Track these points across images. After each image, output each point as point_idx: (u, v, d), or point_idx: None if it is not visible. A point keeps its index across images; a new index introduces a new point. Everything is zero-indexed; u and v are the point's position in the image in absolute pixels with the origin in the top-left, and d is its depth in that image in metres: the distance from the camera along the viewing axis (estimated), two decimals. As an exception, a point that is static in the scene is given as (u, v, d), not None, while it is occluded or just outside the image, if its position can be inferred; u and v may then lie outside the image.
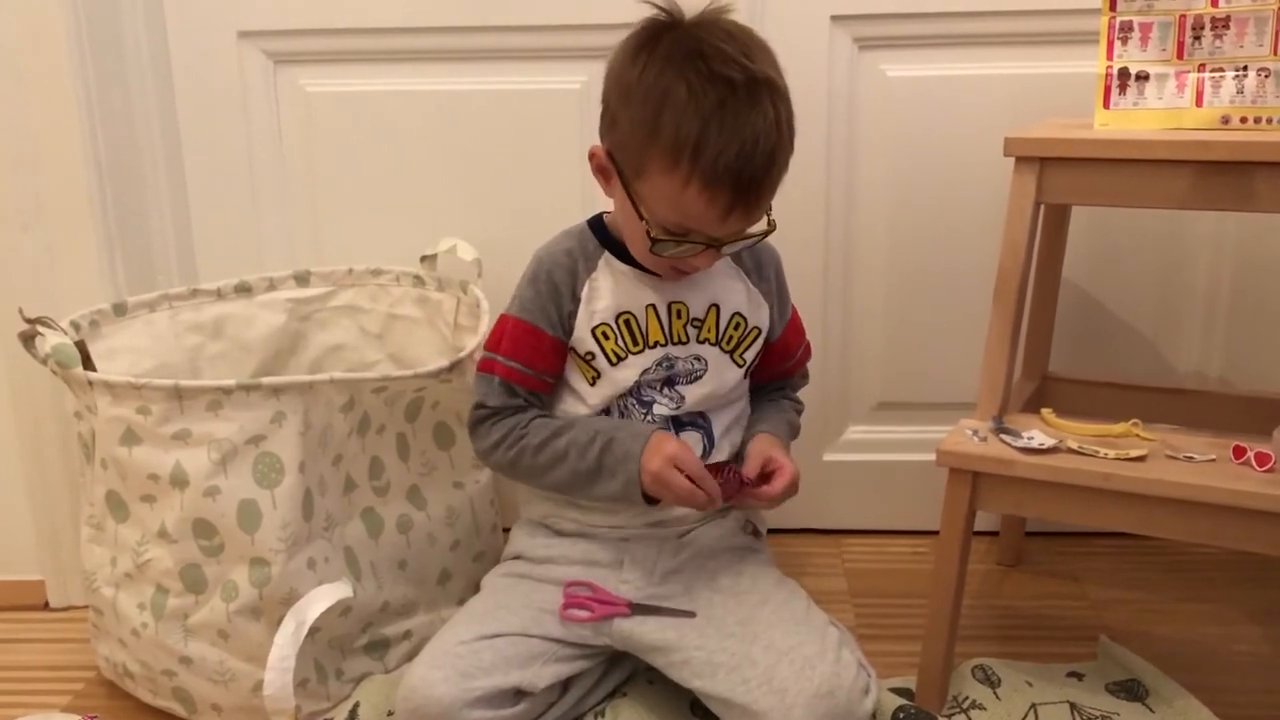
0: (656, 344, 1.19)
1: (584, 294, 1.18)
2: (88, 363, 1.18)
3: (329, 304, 1.52)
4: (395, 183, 1.57)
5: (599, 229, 1.21)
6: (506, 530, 1.47)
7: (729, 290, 1.22)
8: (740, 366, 1.23)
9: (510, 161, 1.54)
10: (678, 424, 1.21)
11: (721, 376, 1.22)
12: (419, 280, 1.51)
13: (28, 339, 1.19)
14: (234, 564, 1.16)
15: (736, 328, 1.22)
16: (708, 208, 1.05)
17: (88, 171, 1.39)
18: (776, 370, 1.31)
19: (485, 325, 1.34)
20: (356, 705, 1.21)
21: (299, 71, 1.54)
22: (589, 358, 1.19)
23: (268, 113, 1.55)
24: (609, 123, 1.12)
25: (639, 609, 1.17)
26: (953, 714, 1.20)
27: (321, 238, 1.60)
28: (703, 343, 1.21)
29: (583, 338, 1.18)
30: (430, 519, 1.35)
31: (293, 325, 1.50)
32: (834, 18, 1.47)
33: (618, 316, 1.18)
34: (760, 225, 1.12)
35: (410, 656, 1.31)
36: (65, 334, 1.20)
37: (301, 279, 1.51)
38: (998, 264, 1.19)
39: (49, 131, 1.36)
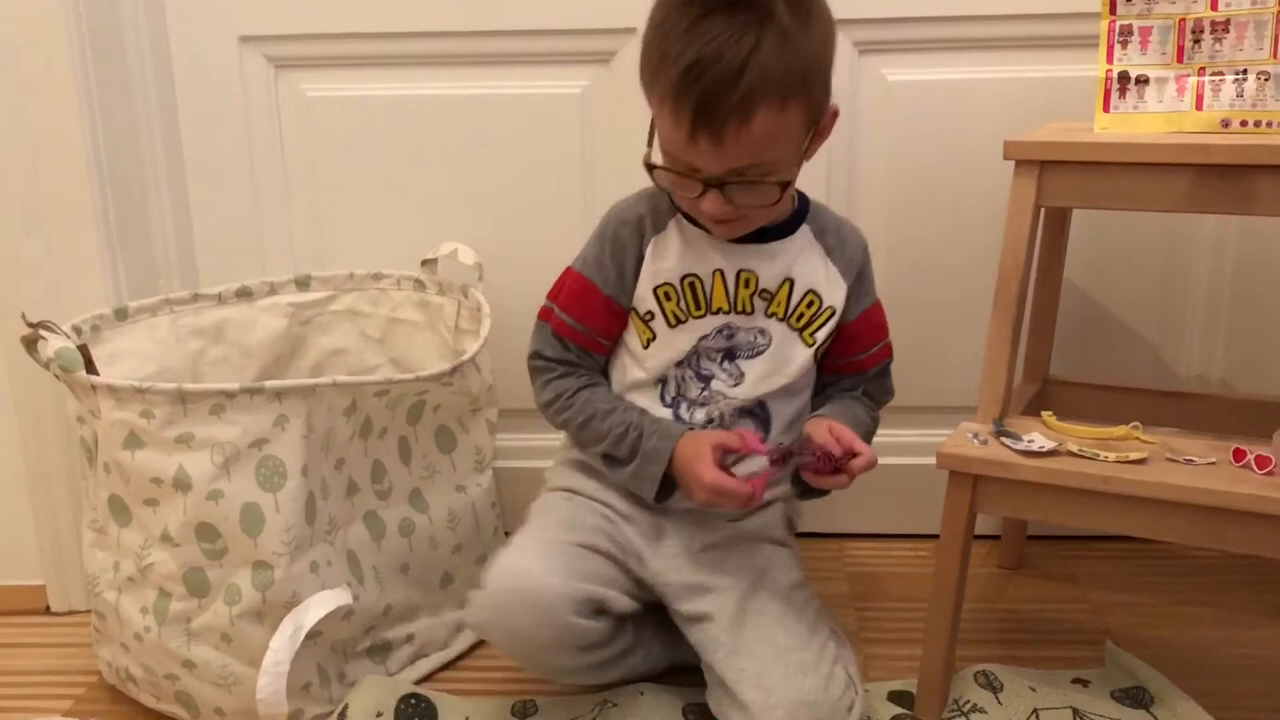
0: (719, 310, 1.16)
1: (649, 252, 1.16)
2: (91, 367, 1.18)
3: (330, 308, 1.53)
4: (396, 187, 1.57)
5: None
6: (508, 534, 1.48)
7: (806, 266, 1.18)
8: (809, 346, 1.19)
9: (511, 166, 1.54)
10: (741, 411, 1.19)
11: (786, 354, 1.19)
12: (420, 284, 1.51)
13: (30, 343, 1.19)
14: (237, 568, 1.16)
15: (809, 305, 1.19)
16: (675, 127, 1.03)
17: (89, 176, 1.39)
18: (846, 361, 1.25)
19: (486, 329, 1.34)
20: (346, 707, 1.21)
21: (300, 76, 1.55)
22: (648, 318, 1.17)
23: (269, 117, 1.56)
24: None
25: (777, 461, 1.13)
26: (953, 717, 1.20)
27: (322, 242, 1.60)
28: (770, 316, 1.18)
29: (644, 296, 1.17)
30: (432, 522, 1.35)
31: (294, 329, 1.50)
32: (835, 21, 1.46)
33: (683, 278, 1.16)
34: (779, 175, 1.07)
35: (413, 660, 1.32)
36: (68, 338, 1.20)
37: (302, 283, 1.51)
38: (998, 267, 1.20)
39: (51, 136, 1.37)
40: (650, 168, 1.09)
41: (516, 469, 1.60)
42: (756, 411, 1.20)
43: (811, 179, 1.51)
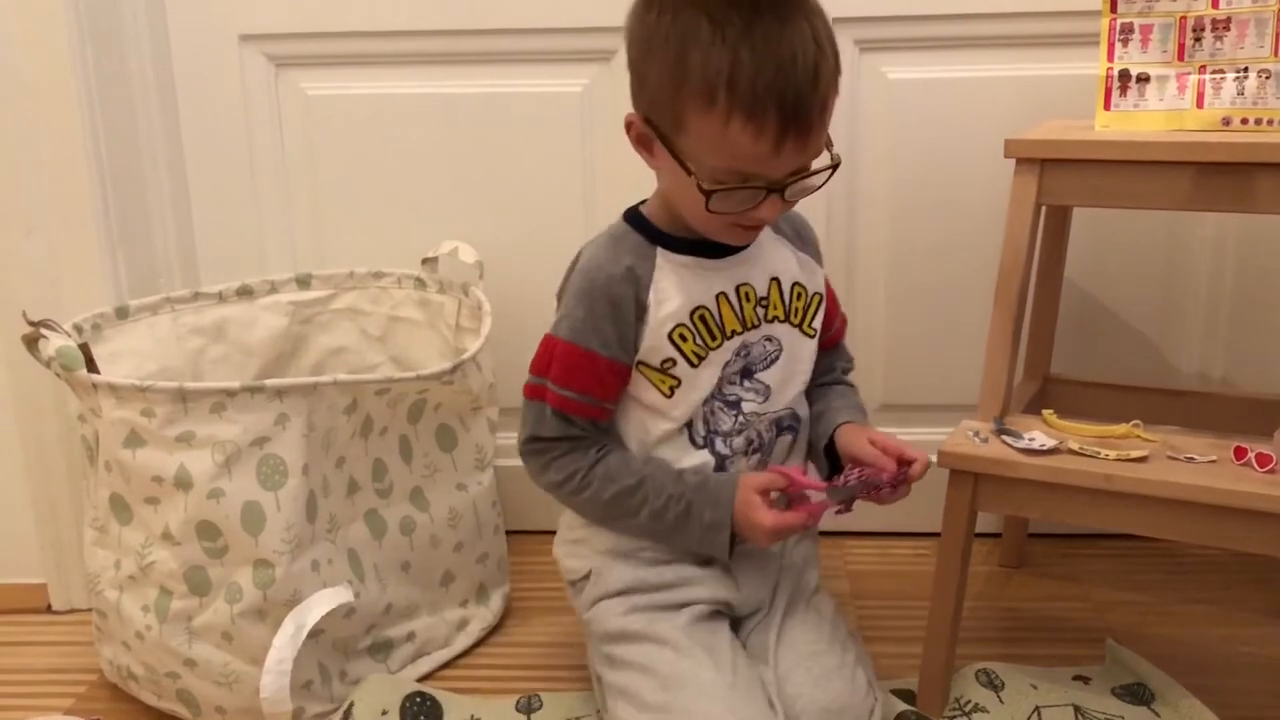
0: (733, 333, 1.10)
1: (651, 300, 1.08)
2: (92, 365, 1.18)
3: (330, 307, 1.53)
4: (396, 185, 1.57)
5: (639, 223, 1.12)
6: (510, 532, 1.48)
7: (782, 260, 1.15)
8: (812, 336, 1.16)
9: (512, 164, 1.54)
10: (778, 428, 1.16)
11: (796, 352, 1.15)
12: (420, 283, 1.51)
13: (31, 342, 1.19)
14: (238, 566, 1.16)
15: (798, 298, 1.15)
16: (756, 142, 0.96)
17: (90, 175, 1.39)
18: (820, 340, 1.21)
19: (487, 327, 1.34)
20: (351, 705, 1.20)
21: (300, 74, 1.55)
22: (668, 365, 1.09)
23: (269, 116, 1.56)
24: (638, 84, 1.03)
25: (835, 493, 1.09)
26: (954, 716, 1.20)
27: (323, 240, 1.60)
28: (772, 321, 1.13)
29: (657, 346, 1.08)
30: (433, 521, 1.35)
31: (294, 328, 1.50)
32: (835, 20, 1.43)
33: (692, 313, 1.09)
34: (823, 160, 1.02)
35: (414, 658, 1.32)
36: (69, 337, 1.20)
37: (303, 282, 1.51)
38: (999, 265, 1.20)
39: (51, 136, 1.37)
40: (709, 193, 1.00)
41: (518, 467, 1.58)
42: (792, 424, 1.17)
43: (812, 177, 1.52)
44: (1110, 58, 1.20)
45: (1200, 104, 1.17)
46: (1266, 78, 1.13)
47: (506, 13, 1.48)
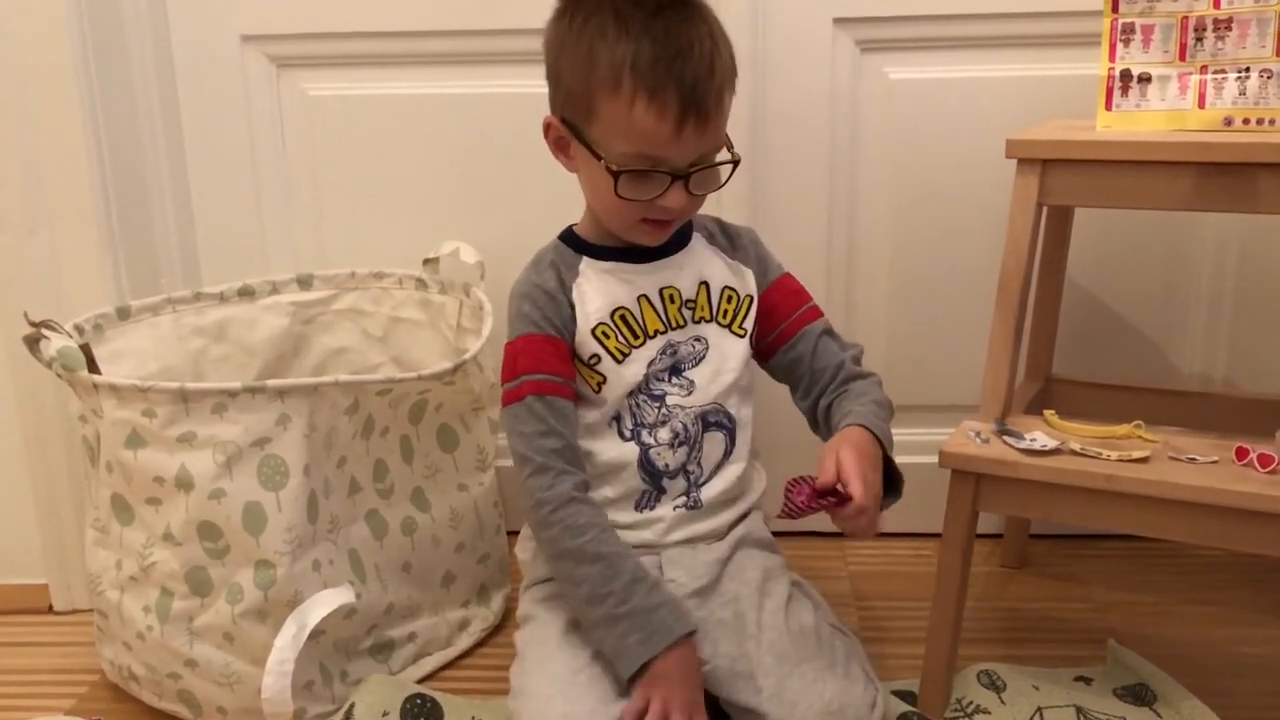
0: (657, 333, 1.17)
1: (576, 297, 1.16)
2: (93, 366, 1.18)
3: (332, 307, 1.53)
4: (398, 186, 1.57)
5: (570, 239, 1.20)
6: (511, 533, 1.48)
7: (712, 266, 1.20)
8: (741, 336, 1.20)
9: (512, 164, 1.54)
10: (705, 422, 1.18)
11: (724, 351, 1.19)
12: (421, 283, 1.51)
13: (33, 342, 1.19)
14: (239, 566, 1.16)
15: (729, 300, 1.20)
16: (659, 122, 1.04)
17: (92, 176, 1.39)
18: (774, 335, 1.23)
19: (488, 328, 1.34)
20: (352, 706, 1.20)
21: (302, 75, 1.55)
22: (594, 361, 1.15)
23: (271, 116, 1.56)
24: (554, 84, 1.12)
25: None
26: (956, 717, 1.20)
27: (324, 241, 1.60)
28: (699, 322, 1.19)
29: (584, 342, 1.15)
30: (434, 521, 1.35)
31: (295, 328, 1.51)
32: (836, 20, 1.47)
33: (613, 313, 1.16)
34: (724, 155, 1.11)
35: (415, 658, 1.32)
36: (70, 337, 1.20)
37: (304, 282, 1.51)
38: (1000, 266, 1.20)
39: (54, 136, 1.37)
40: (617, 174, 1.07)
41: (518, 468, 1.60)
42: (724, 422, 1.19)
43: (813, 177, 1.52)
44: (1112, 58, 1.20)
45: (1202, 104, 1.17)
46: (1268, 78, 1.13)
47: (507, 13, 1.48)
